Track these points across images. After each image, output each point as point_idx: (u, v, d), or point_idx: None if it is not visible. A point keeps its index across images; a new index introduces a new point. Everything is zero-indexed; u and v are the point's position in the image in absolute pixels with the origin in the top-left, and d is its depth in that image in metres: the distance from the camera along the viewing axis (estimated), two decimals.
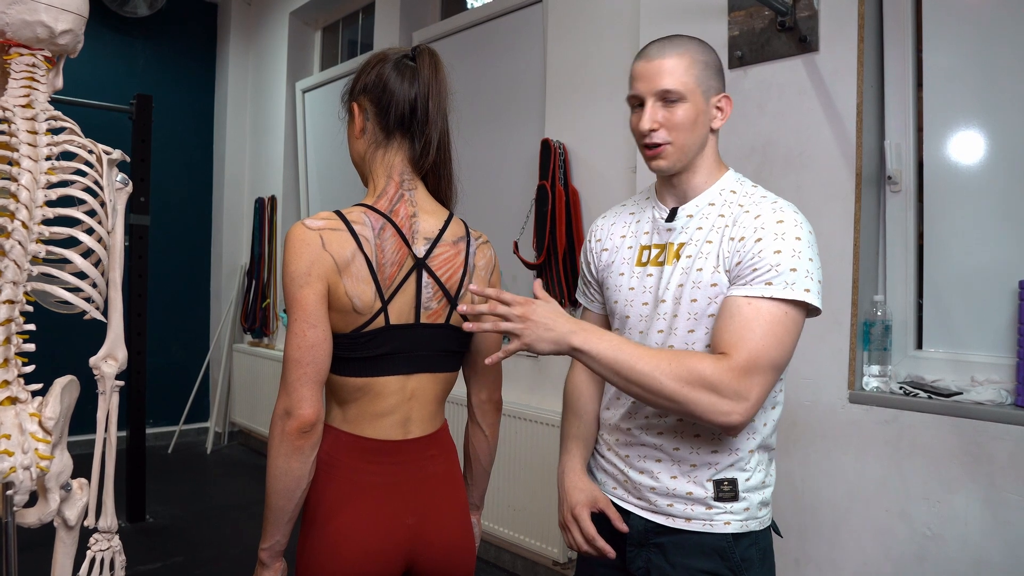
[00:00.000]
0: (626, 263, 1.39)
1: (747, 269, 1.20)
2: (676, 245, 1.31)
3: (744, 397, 1.15)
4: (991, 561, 1.80)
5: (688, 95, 1.27)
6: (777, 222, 1.22)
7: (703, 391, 1.14)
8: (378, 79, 1.32)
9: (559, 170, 3.01)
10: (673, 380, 1.14)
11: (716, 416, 1.15)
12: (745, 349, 1.15)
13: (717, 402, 1.14)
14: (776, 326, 1.17)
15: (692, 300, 1.26)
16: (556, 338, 1.18)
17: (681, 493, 1.28)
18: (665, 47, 1.28)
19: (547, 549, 2.95)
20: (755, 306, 1.18)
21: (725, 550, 1.26)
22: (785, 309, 1.18)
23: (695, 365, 1.15)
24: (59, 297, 1.33)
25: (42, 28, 1.34)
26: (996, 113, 1.97)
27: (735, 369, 1.14)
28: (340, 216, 1.25)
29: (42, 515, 1.28)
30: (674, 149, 1.28)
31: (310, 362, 1.19)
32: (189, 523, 3.79)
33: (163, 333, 5.18)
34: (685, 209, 1.33)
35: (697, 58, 1.29)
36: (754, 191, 1.32)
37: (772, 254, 1.19)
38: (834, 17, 2.14)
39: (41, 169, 1.28)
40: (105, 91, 4.61)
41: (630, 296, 1.36)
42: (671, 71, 1.26)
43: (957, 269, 2.02)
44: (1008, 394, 1.86)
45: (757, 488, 1.29)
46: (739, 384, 1.14)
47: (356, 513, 1.25)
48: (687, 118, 1.27)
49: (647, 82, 1.28)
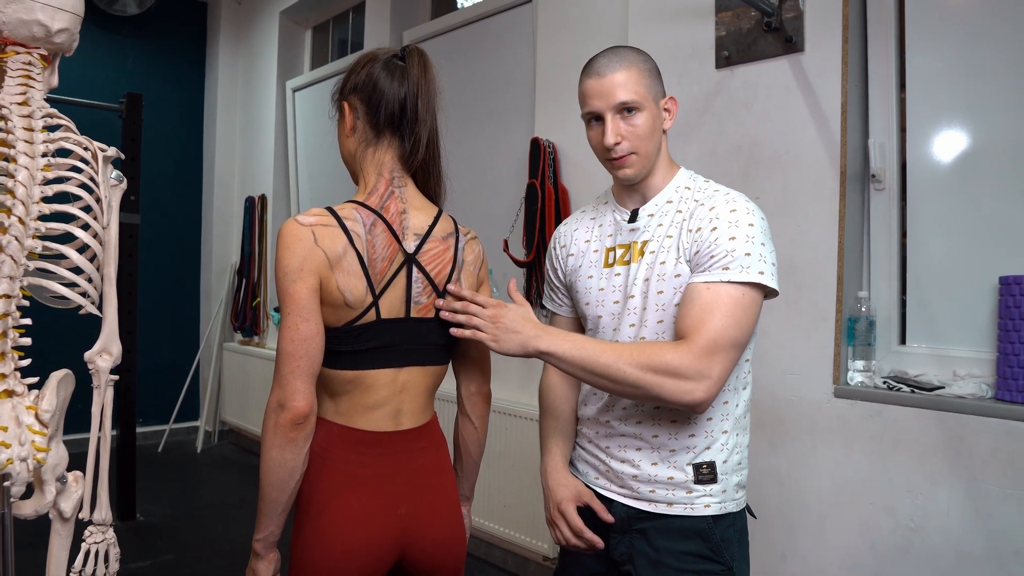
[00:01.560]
0: (594, 266, 1.45)
1: (705, 257, 1.27)
2: (640, 243, 1.37)
3: (706, 375, 1.21)
4: (973, 552, 1.83)
5: (643, 103, 1.33)
6: (730, 211, 1.28)
7: (666, 375, 1.20)
8: (368, 78, 1.34)
9: (548, 169, 3.03)
10: (636, 368, 1.21)
11: (681, 396, 1.21)
12: (705, 331, 1.21)
13: (680, 383, 1.20)
14: (735, 307, 1.23)
15: (659, 292, 1.32)
16: (522, 341, 1.28)
17: (662, 479, 1.33)
18: (612, 62, 1.33)
19: (537, 544, 2.98)
20: (714, 290, 1.24)
21: (706, 531, 1.31)
22: (743, 291, 1.24)
23: (656, 352, 1.22)
24: (55, 292, 1.35)
25: (38, 27, 1.35)
26: (978, 112, 2.00)
27: (695, 351, 1.20)
28: (332, 212, 1.27)
29: (38, 507, 1.30)
30: (639, 157, 1.35)
31: (303, 355, 1.21)
32: (179, 522, 3.79)
33: (153, 332, 5.17)
34: (646, 209, 1.40)
35: (643, 67, 1.35)
36: (707, 186, 1.39)
37: (727, 240, 1.25)
38: (819, 18, 2.17)
39: (37, 166, 1.29)
40: (95, 90, 4.60)
41: (600, 296, 1.41)
42: (624, 84, 1.31)
43: (939, 266, 2.06)
44: (989, 388, 1.90)
45: (734, 470, 1.35)
46: (700, 364, 1.20)
47: (349, 504, 1.27)
48: (647, 126, 1.33)
49: (603, 98, 1.33)
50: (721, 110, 2.41)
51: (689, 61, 2.48)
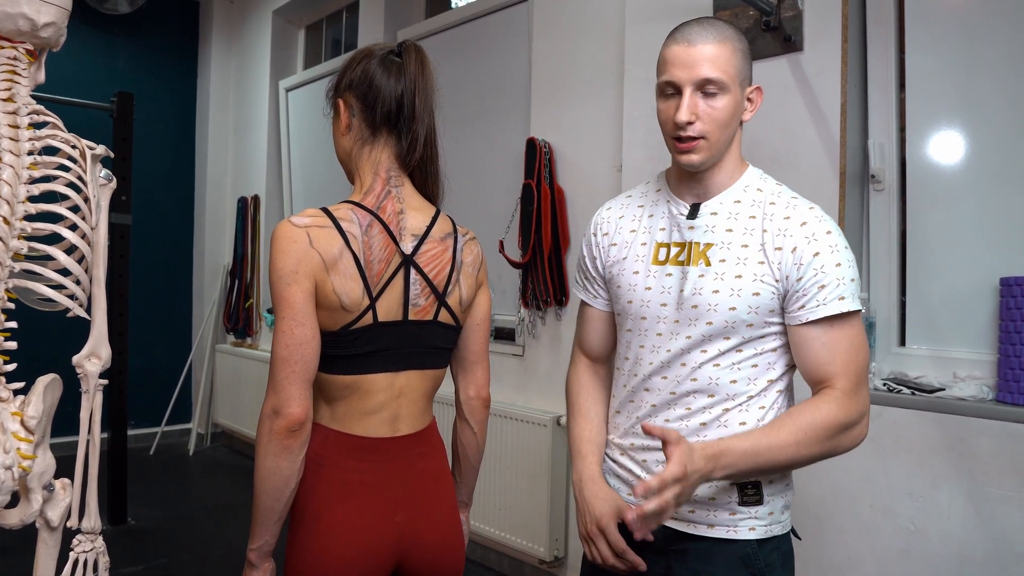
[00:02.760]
0: (640, 260, 1.31)
1: (813, 286, 1.17)
2: (702, 245, 1.24)
3: (863, 412, 1.20)
4: (974, 555, 1.82)
5: (729, 85, 1.19)
6: (826, 232, 1.19)
7: (841, 435, 1.18)
8: (364, 75, 1.31)
9: (544, 169, 3.01)
10: (816, 447, 1.16)
11: (853, 444, 1.21)
12: (845, 372, 1.18)
13: (851, 433, 1.19)
14: (856, 337, 1.20)
15: (731, 308, 1.20)
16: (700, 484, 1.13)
17: (704, 499, 1.22)
18: (707, 31, 1.19)
19: (534, 548, 2.95)
20: (839, 326, 1.18)
21: (749, 556, 1.22)
22: (857, 318, 1.21)
23: (823, 420, 1.16)
24: (42, 294, 1.31)
25: (24, 20, 1.32)
26: (978, 112, 1.99)
27: (847, 396, 1.18)
28: (327, 213, 1.24)
29: (24, 516, 1.26)
30: (708, 144, 1.21)
31: (298, 360, 1.18)
32: (172, 525, 3.76)
33: (145, 333, 5.12)
34: (708, 206, 1.27)
35: (738, 46, 1.21)
36: (780, 189, 1.27)
37: (834, 267, 1.18)
38: (818, 17, 2.16)
39: (23, 164, 1.26)
40: (85, 88, 4.55)
41: (647, 296, 1.28)
42: (714, 59, 1.17)
43: (939, 267, 2.04)
44: (989, 390, 1.89)
45: (780, 492, 1.26)
46: (857, 406, 1.18)
47: (345, 511, 1.25)
48: (727, 111, 1.20)
49: (687, 69, 1.18)
50: None
51: None
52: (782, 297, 1.21)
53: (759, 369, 1.23)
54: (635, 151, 2.65)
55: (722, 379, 1.23)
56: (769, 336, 1.23)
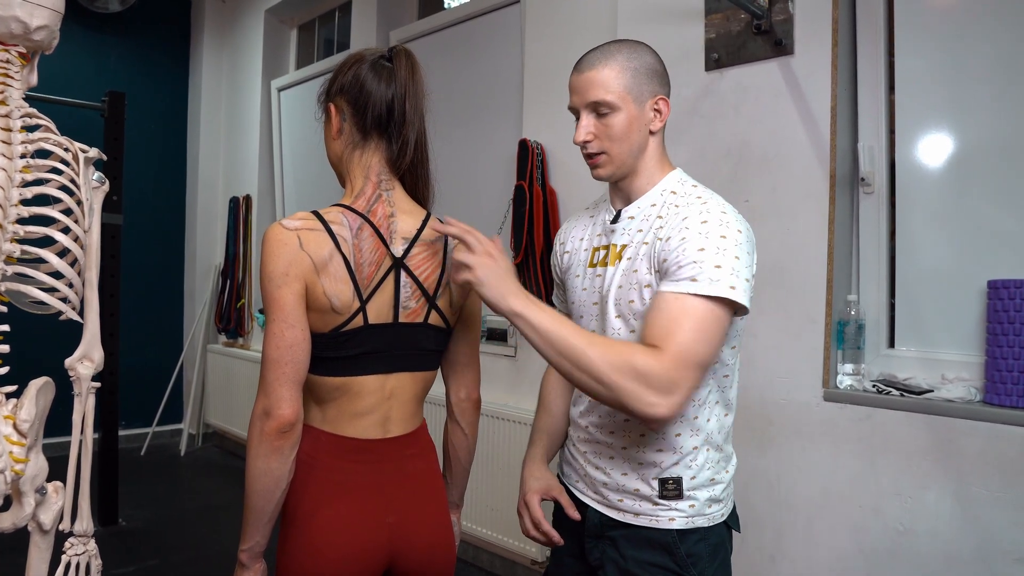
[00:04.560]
0: (581, 265, 1.43)
1: (673, 266, 1.20)
2: (619, 246, 1.34)
3: (672, 391, 1.13)
4: (961, 555, 1.84)
5: (619, 104, 1.28)
6: (701, 222, 1.22)
7: (632, 379, 1.12)
8: (355, 80, 1.31)
9: (537, 170, 3.02)
10: (604, 363, 1.13)
11: (642, 406, 1.13)
12: (675, 343, 1.14)
13: (644, 392, 1.12)
14: (703, 323, 1.16)
15: (630, 301, 1.29)
16: (503, 293, 1.19)
17: (629, 489, 1.32)
18: (595, 58, 1.30)
19: (525, 549, 2.96)
20: (682, 302, 1.16)
21: (671, 545, 1.29)
22: (711, 306, 1.16)
23: (628, 353, 1.14)
24: (34, 297, 1.31)
25: (16, 23, 1.32)
26: (966, 115, 2.01)
27: (666, 361, 1.12)
28: (318, 216, 1.25)
29: (17, 519, 1.26)
30: (609, 158, 1.31)
31: (289, 362, 1.19)
32: (163, 526, 3.75)
33: (136, 334, 5.11)
34: (627, 211, 1.36)
35: (627, 65, 1.29)
36: (692, 191, 1.31)
37: (696, 251, 1.19)
38: (809, 20, 2.17)
39: (16, 167, 1.26)
40: (76, 88, 4.54)
41: (583, 297, 1.40)
42: (601, 82, 1.28)
43: (928, 269, 2.06)
44: (977, 391, 1.90)
45: (704, 486, 1.31)
46: (669, 376, 1.12)
47: (337, 512, 1.25)
48: (620, 127, 1.29)
49: (579, 95, 1.30)
50: (710, 112, 2.40)
51: (678, 63, 2.47)
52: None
53: None
54: None
55: None
56: None
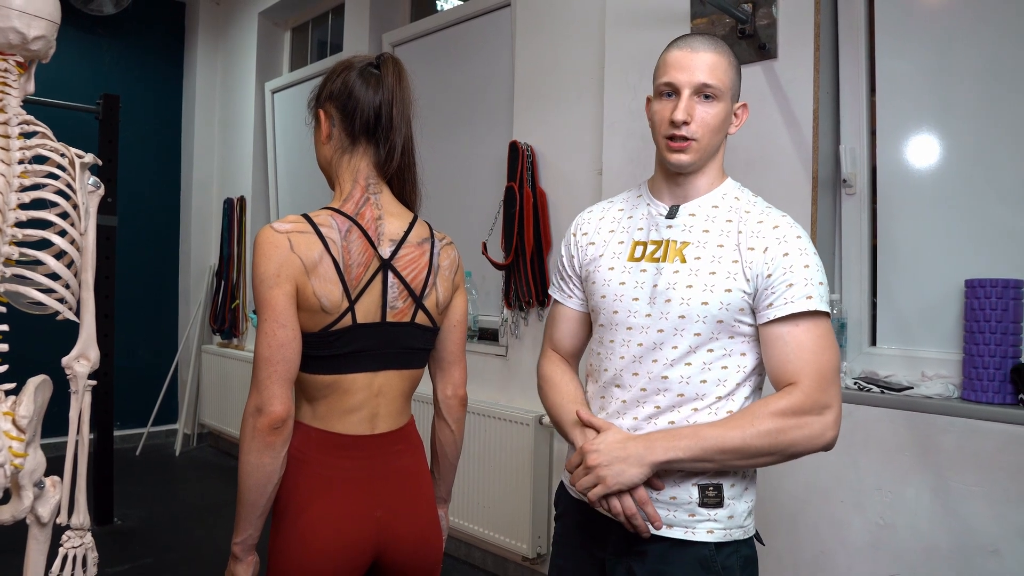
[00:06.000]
0: (617, 257, 1.35)
1: (781, 284, 1.21)
2: (679, 243, 1.29)
3: (828, 405, 1.18)
4: (939, 547, 1.88)
5: (723, 94, 1.27)
6: (797, 236, 1.24)
7: (792, 425, 1.16)
8: (344, 87, 1.35)
9: (527, 172, 3.05)
10: (764, 436, 1.16)
11: (816, 441, 1.18)
12: (810, 369, 1.18)
13: (809, 423, 1.17)
14: (823, 338, 1.20)
15: (703, 303, 1.24)
16: (636, 463, 1.18)
17: (664, 498, 1.24)
18: (708, 42, 1.28)
19: (516, 545, 2.99)
20: (801, 326, 1.20)
21: (707, 559, 1.23)
22: (822, 320, 1.21)
23: (774, 407, 1.17)
24: (32, 298, 1.35)
25: (14, 34, 1.35)
26: (946, 118, 2.05)
27: (809, 389, 1.17)
28: (307, 219, 1.28)
29: (15, 512, 1.30)
30: (698, 146, 1.27)
31: (280, 360, 1.22)
32: (158, 525, 3.77)
33: (131, 335, 5.13)
34: (687, 208, 1.32)
35: (732, 61, 1.30)
36: (756, 200, 1.33)
37: (803, 268, 1.21)
38: (792, 25, 2.21)
39: (14, 172, 1.29)
40: (71, 91, 4.56)
41: (620, 291, 1.32)
42: (713, 67, 1.25)
43: (909, 270, 2.10)
44: (955, 388, 1.94)
45: (742, 495, 1.27)
46: (815, 400, 1.17)
47: (326, 506, 1.29)
48: (719, 118, 1.27)
49: (687, 73, 1.25)
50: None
51: None
52: (752, 296, 1.24)
53: (729, 371, 1.26)
54: (614, 154, 2.70)
55: (692, 378, 1.25)
56: (739, 338, 1.26)
